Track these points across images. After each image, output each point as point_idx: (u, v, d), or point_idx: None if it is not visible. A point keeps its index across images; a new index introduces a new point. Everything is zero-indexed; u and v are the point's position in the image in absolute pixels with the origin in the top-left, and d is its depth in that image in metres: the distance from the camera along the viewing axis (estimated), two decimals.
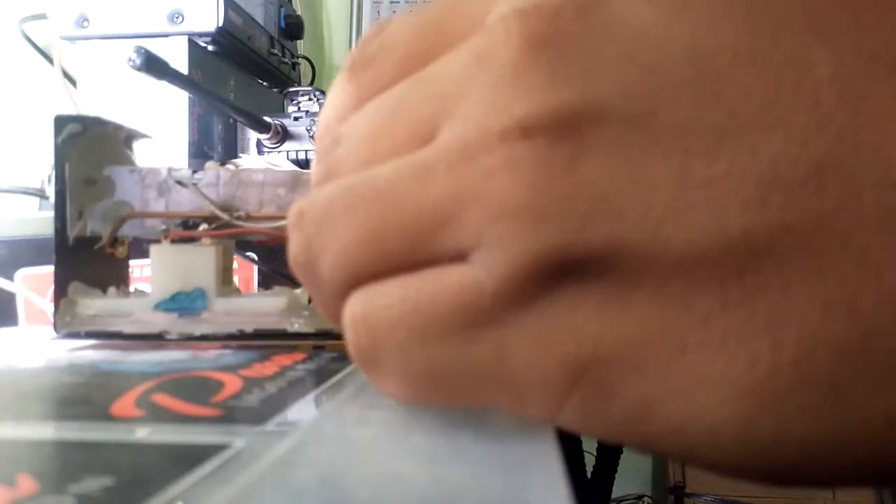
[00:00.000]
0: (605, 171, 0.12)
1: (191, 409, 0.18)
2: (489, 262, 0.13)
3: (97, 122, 0.31)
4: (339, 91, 0.17)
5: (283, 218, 0.30)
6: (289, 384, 0.21)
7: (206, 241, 0.30)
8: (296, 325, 0.29)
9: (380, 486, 0.12)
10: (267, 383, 0.20)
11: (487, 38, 0.13)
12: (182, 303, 0.29)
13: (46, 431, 0.16)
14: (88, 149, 0.31)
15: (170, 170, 0.31)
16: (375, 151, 0.15)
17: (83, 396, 0.20)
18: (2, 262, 0.47)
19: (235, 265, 0.46)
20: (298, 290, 0.30)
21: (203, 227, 0.31)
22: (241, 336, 0.29)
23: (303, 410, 0.18)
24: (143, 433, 0.16)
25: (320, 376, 0.22)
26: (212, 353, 0.26)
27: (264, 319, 0.29)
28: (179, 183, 0.31)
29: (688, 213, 0.12)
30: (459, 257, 0.13)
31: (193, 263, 0.30)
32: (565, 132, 0.12)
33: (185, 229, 0.31)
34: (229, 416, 0.17)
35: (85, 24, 0.66)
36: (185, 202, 0.31)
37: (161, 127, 0.63)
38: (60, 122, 0.30)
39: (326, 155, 0.16)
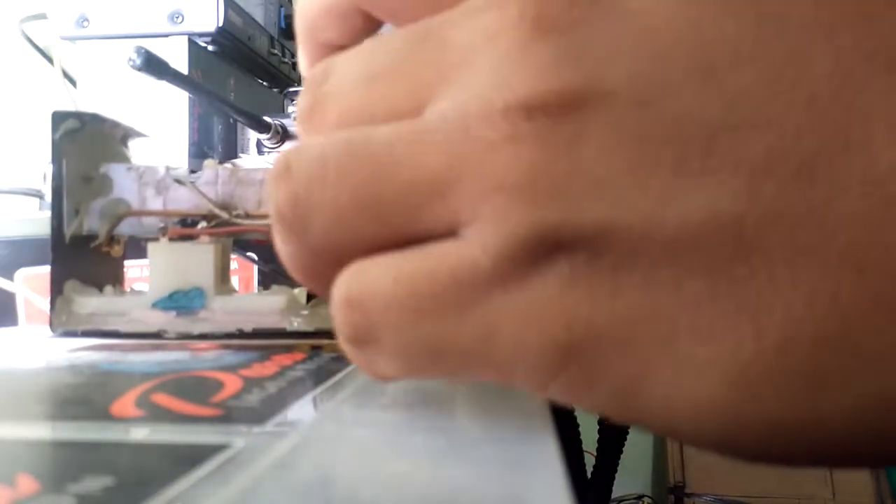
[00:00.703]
0: (605, 154, 0.12)
1: (191, 409, 0.18)
2: (484, 237, 0.13)
3: (95, 119, 0.31)
4: None
5: None
6: (289, 384, 0.21)
7: (204, 239, 0.30)
8: (294, 324, 0.29)
9: (380, 486, 0.12)
10: (267, 383, 0.20)
11: (500, 15, 0.14)
12: (180, 301, 0.29)
13: (46, 431, 0.16)
14: (86, 146, 0.31)
15: (168, 168, 0.31)
16: (369, 102, 0.15)
17: (83, 396, 0.20)
18: (2, 262, 0.47)
19: (235, 265, 0.45)
20: (297, 290, 0.30)
21: (202, 225, 0.31)
22: (240, 335, 0.29)
23: (302, 410, 0.18)
24: (143, 433, 0.16)
25: (320, 376, 0.22)
26: (212, 353, 0.26)
27: (263, 318, 0.29)
28: (178, 181, 0.31)
29: (682, 198, 0.12)
30: (452, 232, 0.14)
31: (192, 262, 0.30)
32: (568, 113, 0.13)
33: (184, 227, 0.31)
34: (229, 416, 0.17)
35: (85, 24, 0.66)
36: (183, 200, 0.31)
37: (161, 127, 0.63)
38: (58, 118, 0.30)
39: (315, 87, 0.16)
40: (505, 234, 0.13)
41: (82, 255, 0.31)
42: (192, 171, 0.31)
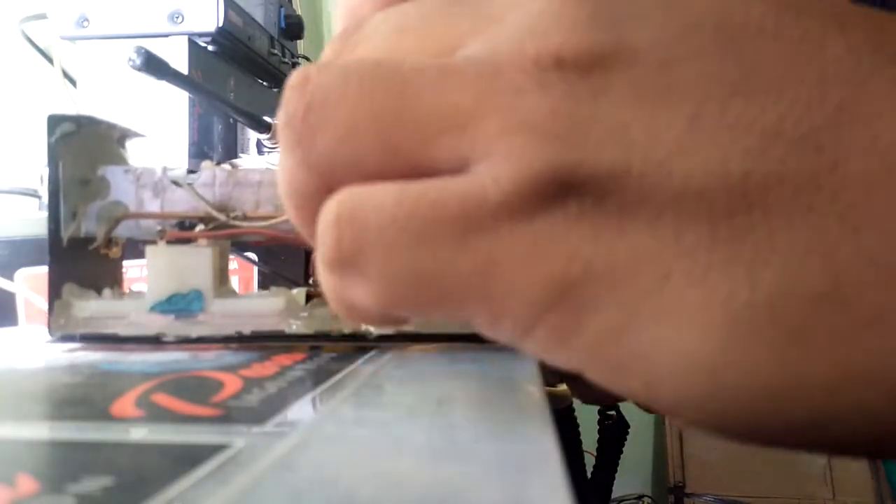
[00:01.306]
0: (626, 106, 0.13)
1: (190, 409, 0.18)
2: (498, 172, 0.13)
3: (91, 122, 0.31)
4: None
5: (280, 218, 0.30)
6: (288, 384, 0.21)
7: (202, 241, 0.30)
8: (293, 327, 0.29)
9: (380, 486, 0.12)
10: (267, 383, 0.20)
11: None
12: (178, 304, 0.29)
13: (46, 431, 0.16)
14: (82, 148, 0.31)
15: (165, 169, 0.31)
16: (400, 47, 0.15)
17: (83, 396, 0.20)
18: (2, 262, 0.48)
19: (235, 265, 0.45)
20: (296, 291, 0.30)
21: (199, 227, 0.31)
22: (239, 338, 0.29)
23: (302, 410, 0.18)
24: (142, 433, 0.16)
25: (320, 376, 0.22)
26: (211, 354, 0.26)
27: (262, 321, 0.29)
28: (175, 183, 0.31)
29: (694, 151, 0.13)
30: (461, 169, 0.14)
31: (190, 264, 0.29)
32: (597, 68, 0.13)
33: (181, 230, 0.31)
34: (229, 416, 0.17)
35: (85, 24, 0.66)
36: (180, 202, 0.31)
37: (161, 127, 0.63)
38: (53, 121, 0.30)
39: (343, 38, 0.16)
40: (519, 169, 0.13)
41: (80, 257, 0.31)
42: (192, 172, 0.31)
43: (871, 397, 0.12)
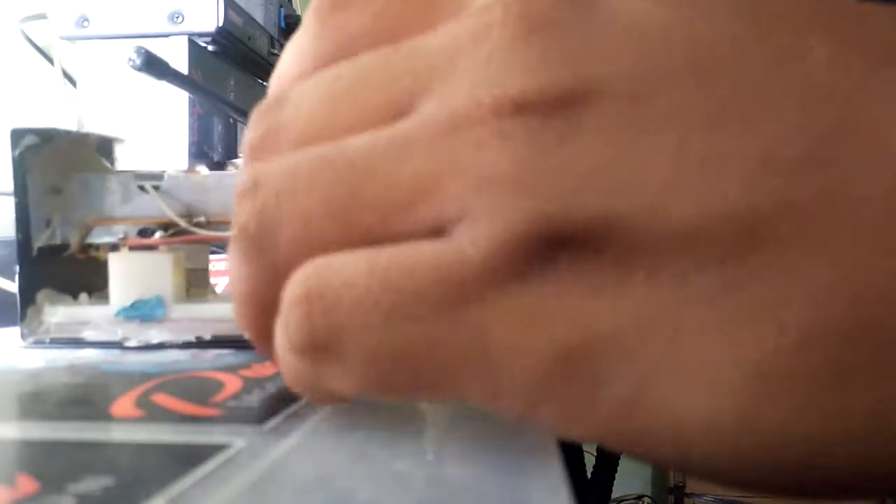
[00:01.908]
0: (598, 147, 0.12)
1: (191, 409, 0.18)
2: (475, 234, 0.12)
3: (57, 133, 0.31)
4: (301, 34, 0.16)
5: None
6: None
7: (163, 248, 0.30)
8: None
9: (380, 486, 0.12)
10: (267, 383, 0.20)
11: (483, 17, 0.13)
12: (141, 310, 0.30)
13: (46, 431, 0.16)
14: (52, 159, 0.31)
15: (136, 175, 0.31)
16: (336, 119, 0.14)
17: (83, 396, 0.20)
18: (2, 262, 0.47)
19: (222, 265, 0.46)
20: None
21: (158, 234, 0.31)
22: (199, 343, 0.29)
23: (302, 410, 0.18)
24: (143, 433, 0.16)
25: None
26: (211, 354, 0.26)
27: (223, 325, 0.29)
28: (142, 189, 0.31)
29: (687, 188, 0.11)
30: (435, 233, 0.13)
31: (151, 271, 0.30)
32: (558, 109, 0.12)
33: (142, 236, 0.31)
34: (229, 416, 0.17)
35: (85, 24, 0.66)
36: (150, 208, 0.31)
37: (161, 127, 0.63)
38: (17, 135, 0.30)
39: (266, 116, 0.15)
40: (497, 230, 0.12)
41: (57, 263, 0.31)
42: (163, 172, 0.32)
43: None
